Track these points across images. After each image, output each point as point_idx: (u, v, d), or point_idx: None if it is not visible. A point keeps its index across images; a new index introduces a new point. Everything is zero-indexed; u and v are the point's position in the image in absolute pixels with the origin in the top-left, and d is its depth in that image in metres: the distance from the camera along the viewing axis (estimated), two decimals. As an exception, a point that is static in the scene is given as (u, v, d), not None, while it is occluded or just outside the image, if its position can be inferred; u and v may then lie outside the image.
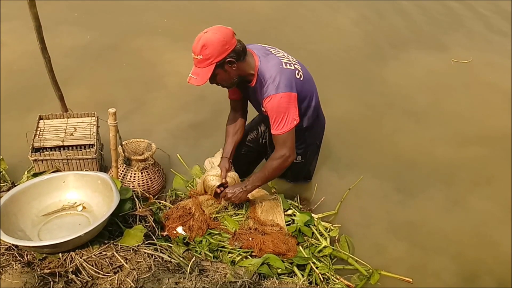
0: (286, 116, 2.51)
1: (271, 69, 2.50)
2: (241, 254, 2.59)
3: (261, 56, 2.55)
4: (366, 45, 5.22)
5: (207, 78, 2.44)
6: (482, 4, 6.28)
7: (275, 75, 2.48)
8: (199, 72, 2.43)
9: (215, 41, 2.37)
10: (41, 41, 2.90)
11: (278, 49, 2.69)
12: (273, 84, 2.47)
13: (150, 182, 3.06)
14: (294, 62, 2.63)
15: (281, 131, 2.54)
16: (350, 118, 4.03)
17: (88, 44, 4.82)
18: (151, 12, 5.48)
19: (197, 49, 2.39)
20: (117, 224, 2.49)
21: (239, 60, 2.48)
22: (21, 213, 2.38)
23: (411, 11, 6.01)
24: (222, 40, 2.38)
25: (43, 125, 3.10)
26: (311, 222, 2.86)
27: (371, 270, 2.72)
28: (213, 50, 2.37)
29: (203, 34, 2.40)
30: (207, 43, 2.37)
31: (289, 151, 2.61)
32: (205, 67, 2.42)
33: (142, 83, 4.33)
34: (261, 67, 2.52)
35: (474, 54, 5.13)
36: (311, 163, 3.21)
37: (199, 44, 2.38)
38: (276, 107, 2.49)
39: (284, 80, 2.48)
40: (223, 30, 2.42)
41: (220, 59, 2.41)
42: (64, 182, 2.55)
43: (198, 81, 2.44)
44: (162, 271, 2.23)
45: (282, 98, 2.47)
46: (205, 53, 2.38)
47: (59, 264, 2.18)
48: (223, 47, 2.39)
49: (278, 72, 2.49)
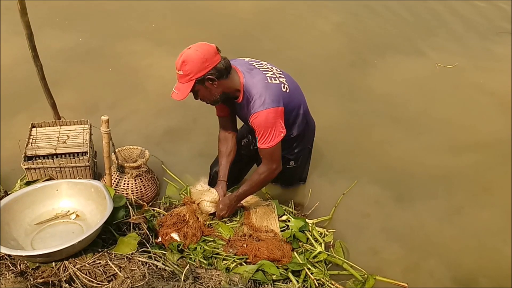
0: (273, 131, 2.53)
1: (256, 84, 2.52)
2: (235, 261, 2.58)
3: (245, 72, 2.56)
4: (348, 50, 5.15)
5: (187, 94, 2.47)
6: (463, 6, 6.21)
7: (261, 91, 2.50)
8: (180, 87, 2.47)
9: (195, 58, 2.39)
10: (32, 49, 2.88)
11: (262, 62, 2.70)
12: (259, 100, 2.49)
13: (143, 189, 3.05)
14: (279, 75, 2.63)
15: (268, 145, 2.56)
16: (337, 126, 3.97)
17: (73, 47, 4.80)
18: (137, 17, 5.46)
19: (178, 65, 2.42)
20: (111, 232, 2.48)
21: (221, 78, 2.48)
22: (14, 222, 2.37)
23: (392, 16, 5.95)
24: (202, 58, 2.39)
25: (35, 133, 3.08)
26: (306, 227, 2.86)
27: (366, 275, 2.72)
28: (193, 67, 2.40)
29: (186, 50, 2.43)
30: (187, 59, 2.40)
31: (276, 164, 2.66)
32: (185, 83, 2.45)
33: (125, 87, 4.32)
34: (246, 83, 2.53)
35: (457, 58, 5.09)
36: (304, 166, 3.21)
37: (180, 59, 2.41)
38: (264, 123, 2.50)
39: (271, 95, 2.50)
40: (205, 47, 2.44)
41: (199, 75, 2.43)
42: (57, 190, 2.54)
43: (179, 96, 2.47)
44: (156, 279, 2.23)
45: (269, 114, 2.49)
46: (185, 69, 2.41)
47: (53, 273, 2.17)
48: (202, 64, 2.40)
49: (263, 87, 2.51)
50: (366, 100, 4.38)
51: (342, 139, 3.87)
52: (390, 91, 4.51)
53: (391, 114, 4.21)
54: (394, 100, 4.40)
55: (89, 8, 5.51)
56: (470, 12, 6.08)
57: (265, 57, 2.85)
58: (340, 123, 4.05)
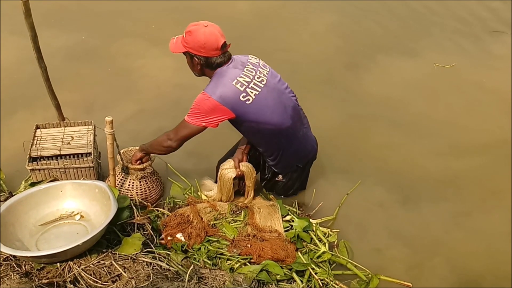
0: (199, 113, 2.63)
1: (221, 76, 2.62)
2: (239, 261, 2.58)
3: (227, 66, 2.66)
4: (342, 51, 5.09)
5: (177, 52, 2.65)
6: (456, 6, 6.12)
7: (218, 83, 2.61)
8: (178, 44, 2.64)
9: (197, 38, 2.55)
10: (37, 50, 2.89)
11: (260, 69, 2.72)
12: (210, 84, 2.64)
13: (148, 191, 3.05)
14: (254, 87, 2.65)
15: (186, 118, 2.68)
16: (335, 129, 3.93)
17: (71, 47, 4.80)
18: (134, 17, 5.44)
19: (187, 29, 2.59)
20: (115, 233, 2.48)
21: (207, 67, 2.66)
22: (19, 223, 2.38)
23: (386, 16, 5.86)
24: (202, 43, 2.55)
25: (40, 134, 3.09)
26: (310, 227, 2.86)
27: (370, 275, 2.72)
28: (190, 42, 2.57)
29: (202, 25, 2.56)
30: (193, 33, 2.55)
31: (175, 137, 2.76)
32: (181, 44, 2.63)
33: (121, 87, 4.32)
34: (219, 73, 2.64)
35: (454, 57, 5.03)
36: (295, 181, 3.16)
37: (190, 27, 2.57)
38: (198, 101, 2.62)
39: (222, 91, 2.59)
40: (212, 38, 2.56)
41: (191, 51, 2.60)
42: (62, 191, 2.54)
43: (172, 47, 2.67)
44: (160, 280, 2.23)
45: (207, 100, 2.59)
46: (186, 37, 2.59)
47: (57, 274, 2.17)
48: (199, 47, 2.56)
49: (222, 82, 2.60)
50: (364, 103, 4.32)
51: (342, 141, 3.83)
52: (388, 93, 4.45)
53: (390, 117, 4.15)
54: (393, 102, 4.34)
55: (86, 9, 5.49)
56: (463, 11, 6.01)
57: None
58: (338, 125, 3.99)
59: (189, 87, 4.27)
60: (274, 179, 3.09)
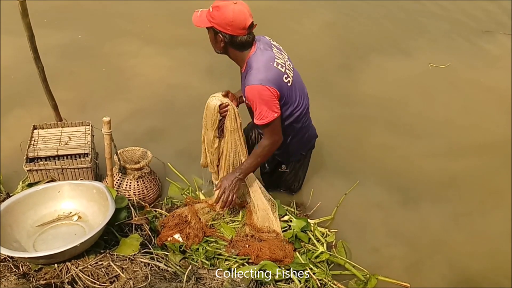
0: (267, 108, 2.51)
1: (260, 61, 2.52)
2: (238, 262, 2.58)
3: (258, 48, 2.57)
4: (336, 52, 5.07)
5: (200, 26, 2.53)
6: (449, 7, 6.12)
7: (261, 68, 2.50)
8: (202, 18, 2.51)
9: (224, 15, 2.42)
10: (34, 50, 2.89)
11: (283, 52, 2.70)
12: (256, 74, 2.49)
13: (146, 190, 3.05)
14: (289, 68, 2.63)
15: (264, 121, 2.55)
16: (332, 130, 3.87)
17: (66, 45, 4.79)
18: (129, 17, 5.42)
19: (214, 4, 2.46)
20: (113, 233, 2.48)
21: (231, 46, 2.54)
22: (16, 224, 2.37)
23: (379, 16, 5.85)
24: (229, 20, 2.43)
25: (37, 134, 3.09)
26: (308, 227, 2.86)
27: (368, 275, 2.72)
28: (217, 17, 2.44)
29: (232, 2, 2.44)
30: (221, 9, 2.43)
31: (277, 135, 2.67)
32: (206, 19, 2.50)
33: (113, 86, 4.32)
34: (253, 57, 2.54)
35: (449, 57, 5.03)
36: (296, 174, 3.17)
37: (218, 2, 2.44)
38: (258, 98, 2.49)
39: (269, 75, 2.49)
40: (241, 17, 2.44)
41: (216, 27, 2.47)
42: (59, 192, 2.53)
43: (196, 21, 2.54)
44: (158, 280, 2.23)
45: (263, 91, 2.48)
46: (213, 12, 2.45)
47: (55, 275, 2.17)
48: (226, 24, 2.44)
49: (265, 66, 2.51)
50: (359, 103, 4.31)
51: (339, 142, 3.83)
52: (383, 93, 4.44)
53: (387, 117, 4.15)
54: (389, 102, 4.33)
55: (80, 8, 5.48)
56: (455, 11, 6.02)
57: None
58: (334, 126, 3.95)
59: (183, 86, 4.29)
60: (277, 171, 3.07)
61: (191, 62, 4.61)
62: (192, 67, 4.55)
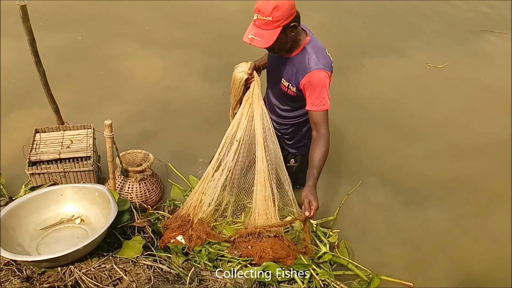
0: (328, 94, 2.46)
1: (320, 48, 2.49)
2: (240, 263, 2.58)
3: (311, 35, 2.53)
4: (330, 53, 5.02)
5: (273, 41, 2.31)
6: (443, 7, 6.15)
7: (322, 54, 2.47)
8: (264, 34, 2.31)
9: (286, 3, 2.26)
10: (35, 54, 2.89)
11: None
12: (322, 59, 2.44)
13: (148, 193, 3.05)
14: None
15: (326, 107, 2.48)
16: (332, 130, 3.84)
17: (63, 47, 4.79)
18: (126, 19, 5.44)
19: (267, 10, 2.25)
20: (116, 236, 2.48)
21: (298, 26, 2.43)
22: (19, 227, 2.38)
23: (373, 16, 5.86)
24: (292, 3, 2.29)
25: (39, 138, 3.09)
26: (310, 228, 2.85)
27: (371, 275, 2.72)
28: (284, 12, 2.27)
29: None
30: (279, 4, 2.24)
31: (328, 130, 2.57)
32: (271, 29, 2.30)
33: (109, 88, 4.32)
34: (312, 43, 2.49)
35: (446, 57, 5.03)
36: (302, 170, 3.14)
37: (269, 4, 2.25)
38: (323, 81, 2.43)
39: (328, 63, 2.48)
40: None
41: (287, 22, 2.31)
42: (62, 195, 2.54)
43: (263, 43, 2.32)
44: (161, 282, 2.23)
45: (327, 76, 2.44)
46: (276, 15, 2.26)
47: (58, 278, 2.17)
48: (291, 10, 2.30)
49: (324, 54, 2.49)
50: (357, 105, 4.30)
51: (340, 143, 3.83)
52: (382, 95, 4.43)
53: (387, 119, 4.14)
54: (388, 104, 4.32)
55: (78, 11, 5.50)
56: (448, 12, 6.03)
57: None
58: (333, 129, 3.85)
59: (180, 89, 4.29)
60: (285, 166, 3.04)
61: (189, 64, 4.62)
62: (189, 68, 4.56)
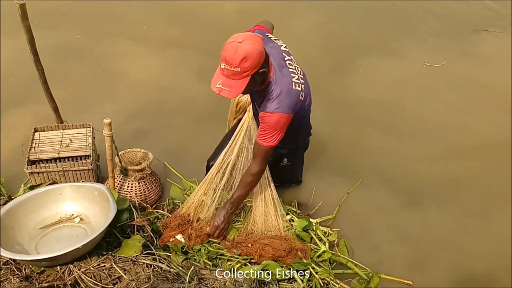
0: (278, 134, 2.49)
1: (282, 86, 2.44)
2: (240, 262, 2.58)
3: (276, 68, 2.47)
4: (326, 54, 5.00)
5: (242, 91, 2.31)
6: (438, 6, 6.09)
7: (283, 93, 2.43)
8: (233, 84, 2.28)
9: (254, 53, 2.22)
10: (34, 53, 2.88)
11: (292, 58, 2.61)
12: (279, 101, 2.42)
13: (147, 192, 3.05)
14: (301, 80, 2.55)
15: (268, 144, 2.51)
16: (330, 131, 3.87)
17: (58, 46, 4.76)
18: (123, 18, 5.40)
19: (235, 62, 2.21)
20: (115, 235, 2.48)
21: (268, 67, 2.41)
22: (18, 227, 2.37)
23: (368, 16, 5.81)
24: (260, 51, 2.26)
25: (38, 137, 3.09)
26: (310, 227, 2.86)
27: (370, 274, 2.72)
28: (253, 63, 2.23)
29: (239, 44, 2.21)
30: (247, 55, 2.20)
31: (266, 164, 2.66)
32: (240, 79, 2.28)
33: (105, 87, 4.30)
34: (274, 80, 2.45)
35: (442, 56, 5.00)
36: (297, 166, 3.21)
37: (237, 55, 2.20)
38: (274, 124, 2.44)
39: (289, 102, 2.44)
40: (257, 38, 2.30)
41: (255, 70, 2.28)
42: (61, 194, 2.54)
43: (232, 94, 2.30)
44: (161, 281, 2.23)
45: (282, 118, 2.43)
46: (244, 66, 2.23)
47: (58, 277, 2.17)
48: (260, 58, 2.27)
49: (287, 92, 2.44)
50: (355, 106, 4.25)
51: (338, 143, 3.80)
52: (380, 96, 4.39)
53: (385, 119, 4.11)
54: (386, 105, 4.28)
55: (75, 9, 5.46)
56: (443, 12, 5.99)
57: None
58: (331, 129, 3.90)
59: (175, 88, 4.28)
60: (278, 165, 3.06)
61: (185, 63, 4.60)
62: (185, 68, 4.54)
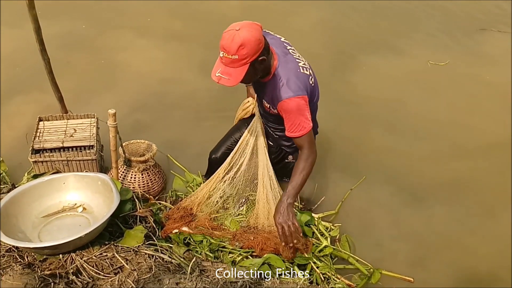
0: (306, 116, 2.45)
1: (289, 71, 2.44)
2: (241, 254, 2.58)
3: (280, 55, 2.48)
4: (329, 51, 4.96)
5: (241, 78, 2.30)
6: (442, 4, 6.03)
7: (293, 77, 2.43)
8: (232, 72, 2.28)
9: (251, 40, 2.22)
10: (40, 42, 2.89)
11: (294, 48, 2.62)
12: (289, 86, 2.41)
13: (150, 183, 3.06)
14: (308, 66, 2.57)
15: (303, 132, 2.47)
16: (334, 128, 3.82)
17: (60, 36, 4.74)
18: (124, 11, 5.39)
19: (232, 49, 2.22)
20: (118, 225, 2.49)
21: (268, 55, 2.39)
22: (22, 215, 2.39)
23: (371, 13, 5.76)
24: (258, 38, 2.24)
25: (43, 126, 3.10)
26: (312, 221, 2.86)
27: (372, 269, 2.72)
28: (250, 50, 2.23)
29: (236, 31, 2.21)
30: (244, 42, 2.20)
31: (315, 148, 2.56)
32: (239, 67, 2.28)
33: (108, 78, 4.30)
34: (280, 68, 2.45)
35: (446, 55, 4.96)
36: None
37: (234, 43, 2.21)
38: (296, 109, 2.42)
39: (300, 84, 2.43)
40: (255, 26, 2.28)
41: (254, 58, 2.27)
42: (64, 183, 2.55)
43: (231, 82, 2.29)
44: (162, 272, 2.24)
45: (300, 100, 2.41)
46: (242, 53, 2.23)
47: (60, 265, 2.18)
48: (258, 45, 2.25)
49: (295, 75, 2.44)
50: (358, 104, 4.23)
51: (343, 140, 3.79)
52: (383, 94, 4.36)
53: (389, 118, 4.09)
54: (390, 103, 4.25)
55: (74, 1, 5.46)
56: (447, 10, 5.94)
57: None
58: (334, 126, 3.86)
59: (177, 81, 4.29)
60: (283, 162, 3.05)
61: (187, 56, 4.59)
62: (187, 61, 4.53)
